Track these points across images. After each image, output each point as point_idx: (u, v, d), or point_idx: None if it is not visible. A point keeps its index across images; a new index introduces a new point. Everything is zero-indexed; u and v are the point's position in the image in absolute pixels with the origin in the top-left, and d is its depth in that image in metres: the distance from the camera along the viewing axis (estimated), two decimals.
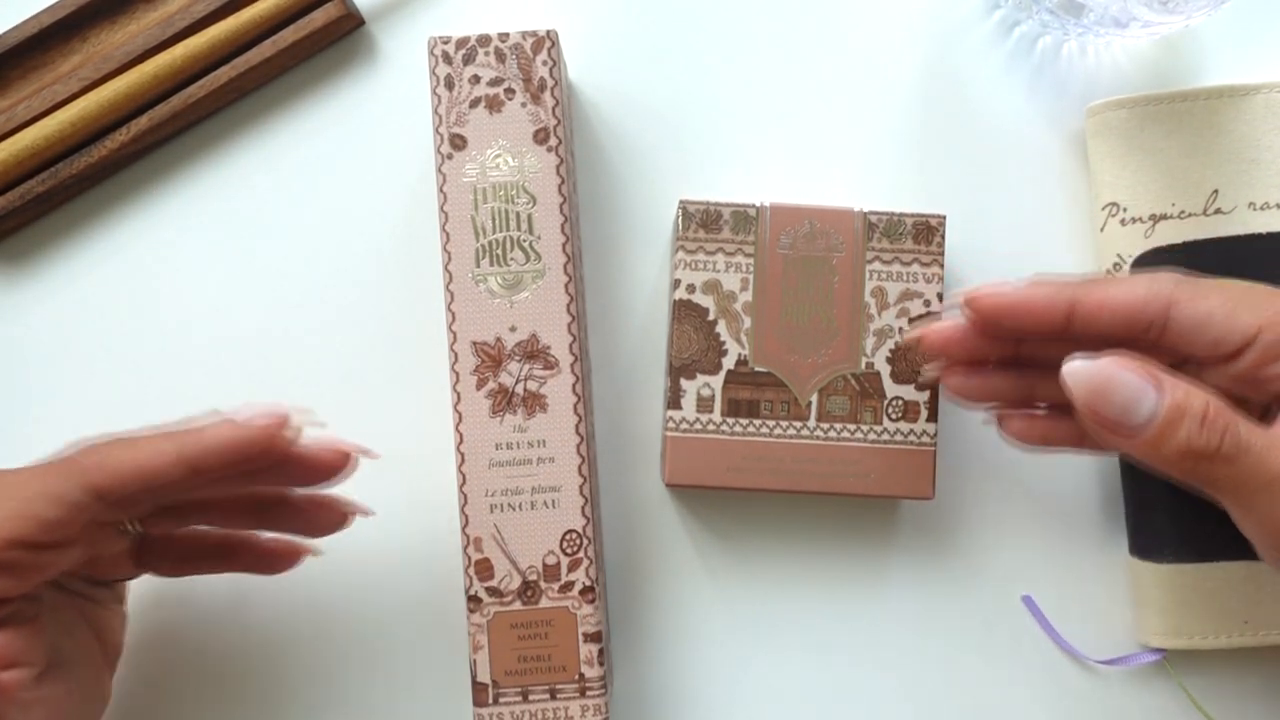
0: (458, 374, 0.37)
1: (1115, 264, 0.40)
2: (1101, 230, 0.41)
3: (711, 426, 0.38)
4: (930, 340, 0.35)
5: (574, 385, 0.37)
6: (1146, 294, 0.32)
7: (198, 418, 0.33)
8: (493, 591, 0.36)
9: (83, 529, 0.32)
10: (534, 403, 0.37)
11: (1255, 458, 0.29)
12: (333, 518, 0.36)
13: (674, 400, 0.39)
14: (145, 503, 0.34)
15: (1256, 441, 0.29)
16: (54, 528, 0.31)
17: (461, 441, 0.37)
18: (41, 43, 0.42)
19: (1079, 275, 0.36)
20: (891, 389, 0.38)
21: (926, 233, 0.39)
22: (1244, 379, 0.31)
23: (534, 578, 0.36)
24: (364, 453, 0.35)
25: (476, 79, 0.37)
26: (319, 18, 0.42)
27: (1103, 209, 0.41)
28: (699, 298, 0.39)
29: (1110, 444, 0.31)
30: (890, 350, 0.39)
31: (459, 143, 0.37)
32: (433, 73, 0.37)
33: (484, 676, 0.36)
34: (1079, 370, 0.30)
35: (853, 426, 0.38)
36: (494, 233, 0.37)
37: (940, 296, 0.39)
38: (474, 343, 0.37)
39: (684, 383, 0.39)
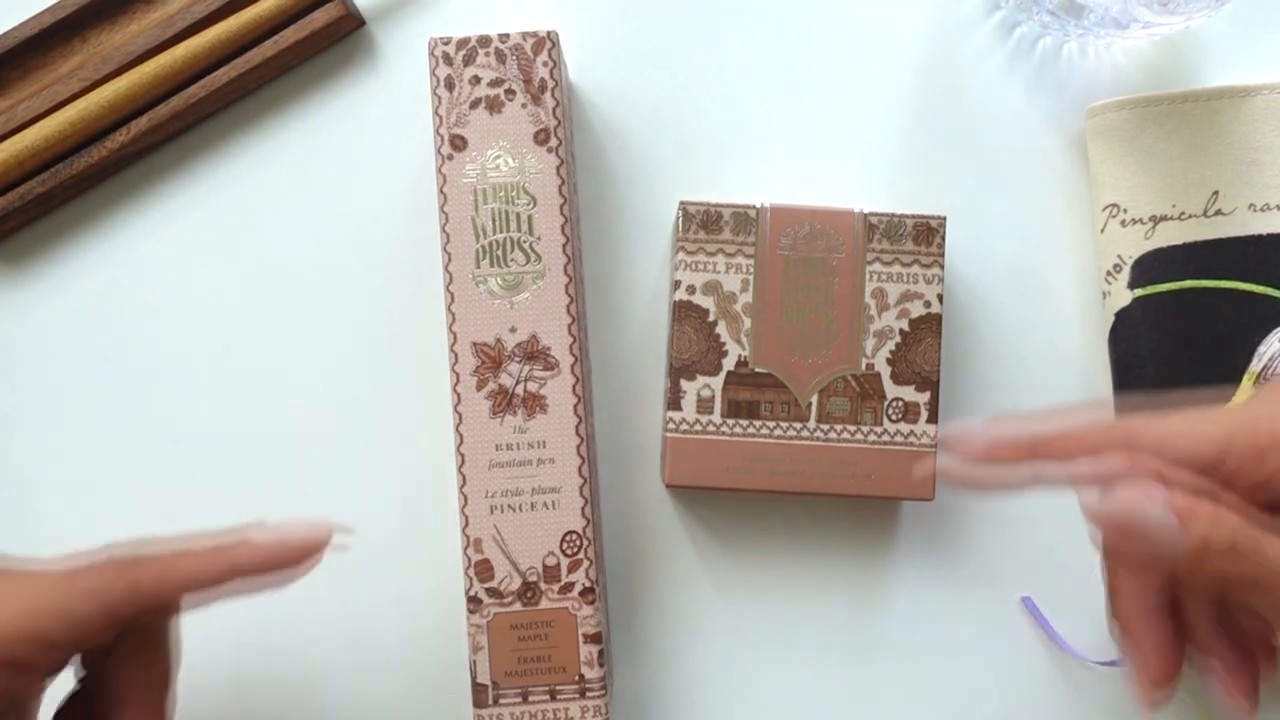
0: (458, 375, 0.37)
1: (1116, 265, 0.40)
2: (1102, 231, 0.41)
3: (711, 427, 0.38)
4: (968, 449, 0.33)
5: (574, 386, 0.37)
6: (1103, 437, 0.31)
7: (241, 528, 0.33)
8: (493, 592, 0.36)
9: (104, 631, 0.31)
10: (534, 403, 0.37)
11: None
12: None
13: (674, 401, 0.39)
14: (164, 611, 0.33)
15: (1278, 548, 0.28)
16: (82, 627, 0.30)
17: (461, 442, 0.37)
18: (42, 43, 0.42)
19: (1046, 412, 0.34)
20: (891, 390, 0.38)
21: (927, 234, 0.39)
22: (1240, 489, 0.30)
23: (534, 579, 0.36)
24: (341, 531, 0.33)
25: (477, 80, 0.37)
26: (319, 18, 0.41)
27: (1103, 210, 0.41)
28: (699, 299, 0.39)
29: (1140, 573, 0.30)
30: (890, 351, 0.39)
31: (459, 143, 0.37)
32: (433, 73, 0.37)
33: (484, 677, 0.36)
34: (1106, 510, 0.29)
35: (853, 427, 0.38)
36: (494, 233, 0.37)
37: (940, 298, 0.39)
38: (474, 343, 0.37)
39: (684, 383, 0.39)
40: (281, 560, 0.32)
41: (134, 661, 0.32)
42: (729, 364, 0.39)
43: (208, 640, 0.42)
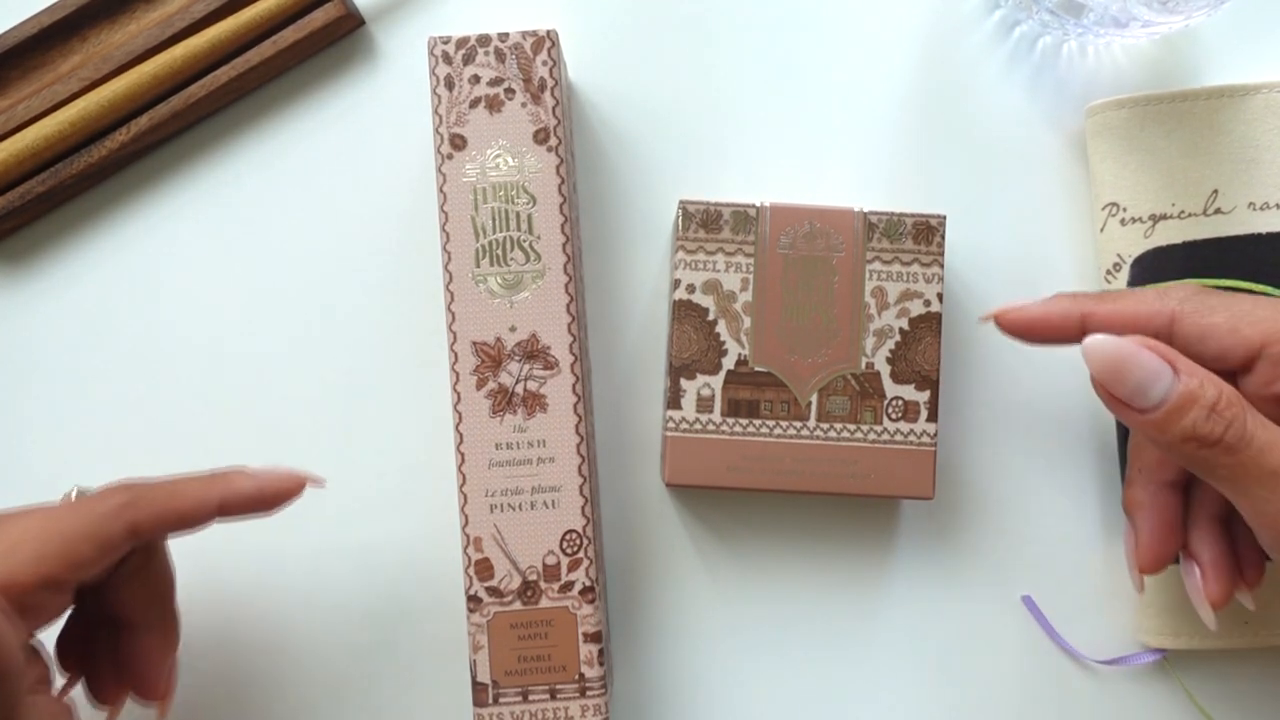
0: (458, 374, 0.37)
1: (1115, 264, 0.40)
2: (1101, 230, 0.41)
3: (711, 426, 0.38)
4: (1007, 322, 0.35)
5: (574, 385, 0.37)
6: (1151, 310, 0.33)
7: (225, 470, 0.35)
8: (493, 591, 0.36)
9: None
10: (534, 403, 0.37)
11: (1256, 451, 0.30)
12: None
13: (674, 400, 0.39)
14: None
15: (1260, 436, 0.30)
16: (83, 567, 0.32)
17: (461, 441, 0.37)
18: (41, 43, 0.42)
19: (1099, 291, 0.37)
20: (891, 389, 0.38)
21: (926, 233, 0.39)
22: (1259, 396, 0.32)
23: (534, 578, 0.36)
24: (314, 481, 0.36)
25: (476, 79, 0.37)
26: (319, 18, 0.42)
27: (1103, 209, 0.41)
28: (699, 298, 0.39)
29: (1119, 417, 0.32)
30: (890, 350, 0.39)
31: (459, 143, 0.37)
32: (433, 73, 0.37)
33: (484, 676, 0.36)
34: (1100, 345, 0.30)
35: (853, 426, 0.38)
36: (494, 233, 0.37)
37: (940, 296, 0.39)
38: (474, 343, 0.37)
39: (684, 383, 0.39)
40: (262, 502, 0.35)
41: (136, 583, 0.35)
42: (729, 363, 0.39)
43: (206, 637, 0.42)
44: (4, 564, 0.30)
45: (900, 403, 0.38)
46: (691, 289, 0.39)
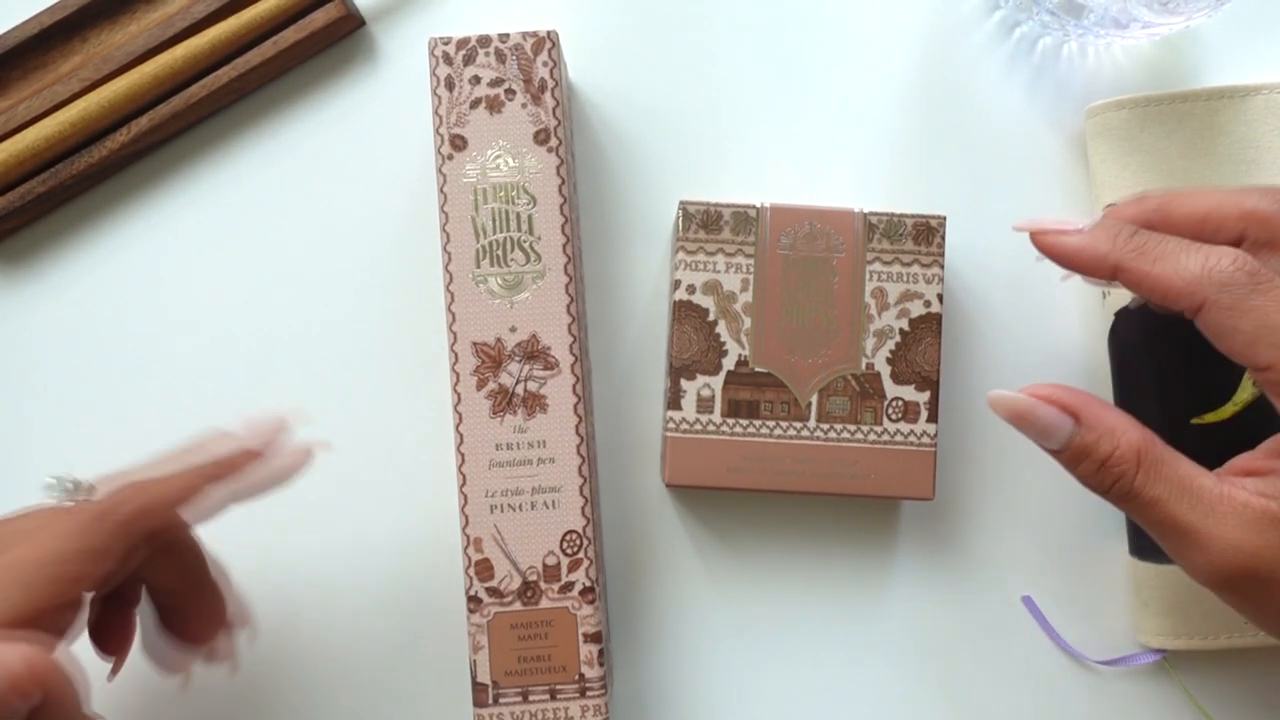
0: (458, 374, 0.37)
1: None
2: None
3: (711, 427, 0.38)
4: (1042, 244, 0.35)
5: (574, 385, 0.37)
6: (1183, 289, 0.31)
7: (204, 438, 0.35)
8: (493, 592, 0.36)
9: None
10: (534, 403, 0.37)
11: (1146, 503, 0.31)
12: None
13: (674, 400, 0.39)
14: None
15: (1149, 492, 0.31)
16: (101, 581, 0.32)
17: (461, 442, 0.37)
18: (42, 43, 0.42)
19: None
20: (891, 389, 0.38)
21: (927, 233, 0.39)
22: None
23: (534, 578, 0.36)
24: (322, 446, 0.35)
25: (477, 79, 0.37)
26: (319, 18, 0.42)
27: (1103, 209, 0.41)
28: (699, 298, 0.39)
29: None
30: (890, 350, 0.39)
31: (459, 143, 0.37)
32: (433, 73, 0.37)
33: (484, 677, 0.36)
34: (1000, 400, 0.32)
35: (853, 427, 0.38)
36: (494, 233, 0.37)
37: (940, 297, 0.39)
38: (474, 343, 0.37)
39: (684, 383, 0.39)
40: (257, 451, 0.34)
41: (168, 569, 0.35)
42: (729, 363, 0.39)
43: None
44: (22, 594, 0.30)
45: (900, 403, 0.38)
46: (691, 289, 0.39)
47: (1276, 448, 0.31)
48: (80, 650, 0.32)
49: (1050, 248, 0.34)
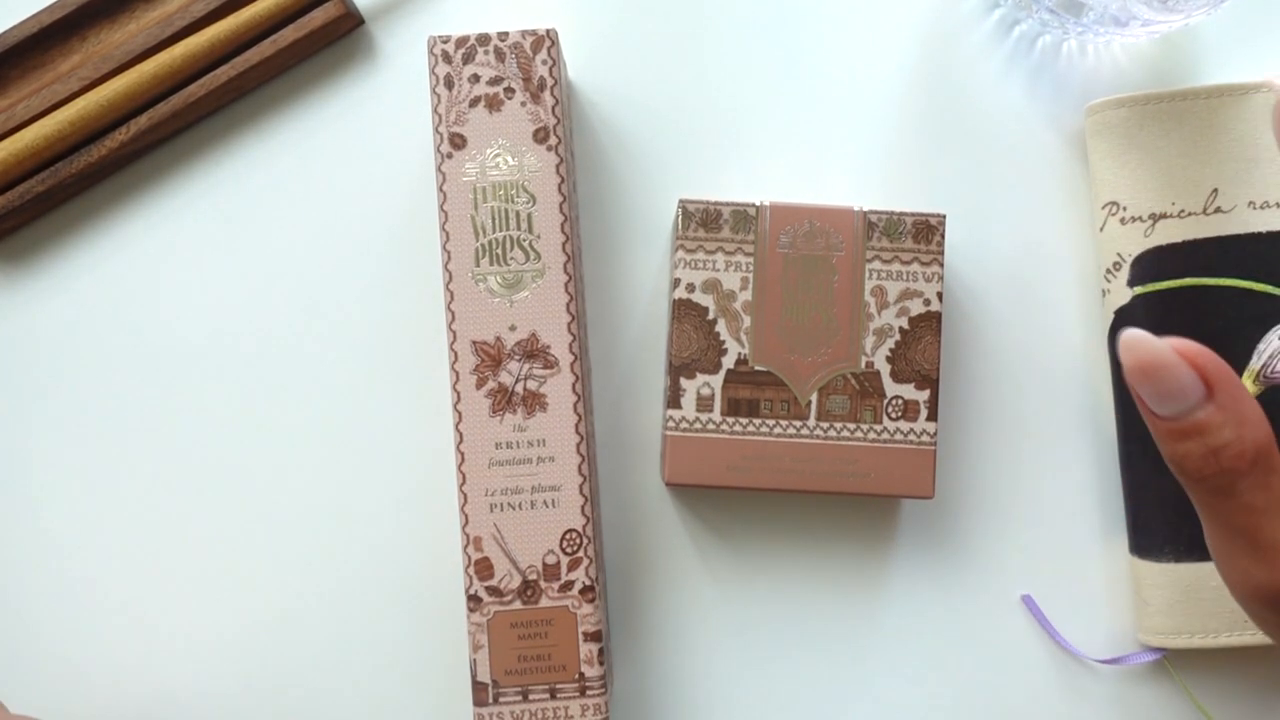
0: (457, 373, 0.37)
1: (1115, 263, 0.40)
2: (1101, 229, 0.41)
3: (711, 426, 0.38)
4: None
5: (574, 385, 0.37)
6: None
7: None
8: (493, 591, 0.36)
9: None
10: (534, 402, 0.37)
11: (1232, 509, 0.28)
12: None
13: (674, 399, 0.39)
14: None
15: (1248, 499, 0.28)
16: None
17: (461, 441, 0.37)
18: (41, 42, 0.42)
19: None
20: (891, 388, 0.38)
21: (926, 232, 0.39)
22: None
23: (534, 577, 0.36)
24: None
25: (476, 78, 0.37)
26: (318, 17, 0.42)
27: (1102, 208, 0.41)
28: (699, 297, 0.39)
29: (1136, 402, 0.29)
30: (890, 349, 0.39)
31: (459, 142, 0.37)
32: (432, 72, 0.37)
33: (484, 676, 0.36)
34: (1136, 344, 0.27)
35: (853, 426, 0.38)
36: (494, 232, 0.37)
37: (940, 296, 0.39)
38: (474, 342, 0.37)
39: (684, 382, 0.39)
40: None
41: None
42: (729, 362, 0.39)
43: (206, 640, 0.42)
44: None
45: (900, 402, 0.38)
46: (691, 288, 0.39)
47: None
48: None
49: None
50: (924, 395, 0.38)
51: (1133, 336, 0.27)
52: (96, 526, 0.41)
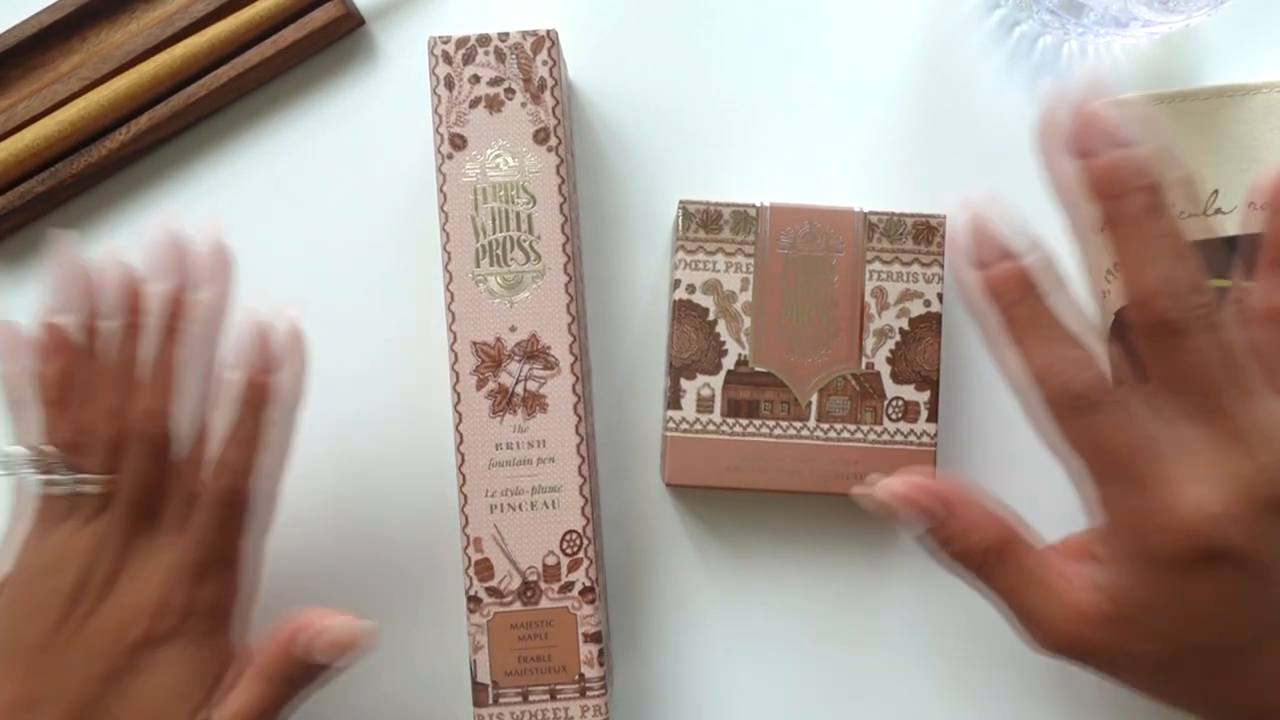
0: (458, 374, 0.37)
1: (1115, 264, 0.40)
2: (1101, 230, 0.41)
3: (711, 426, 0.38)
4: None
5: (574, 385, 0.37)
6: (1033, 374, 0.33)
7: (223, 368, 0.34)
8: (493, 592, 0.36)
9: None
10: (534, 403, 0.37)
11: (1010, 595, 0.34)
12: None
13: (674, 400, 0.39)
14: None
15: (1012, 582, 0.33)
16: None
17: (461, 441, 0.37)
18: (41, 42, 0.42)
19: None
20: (891, 389, 0.38)
21: (927, 233, 0.39)
22: None
23: (534, 578, 0.36)
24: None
25: (476, 79, 0.37)
26: (319, 17, 0.42)
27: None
28: (699, 298, 0.39)
29: None
30: (890, 350, 0.39)
31: (459, 142, 0.37)
32: (433, 72, 0.37)
33: (484, 677, 0.36)
34: (868, 499, 0.34)
35: (853, 427, 0.38)
36: (494, 233, 0.37)
37: (940, 296, 0.39)
38: (474, 343, 0.37)
39: (684, 383, 0.39)
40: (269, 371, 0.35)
41: None
42: (729, 363, 0.39)
43: None
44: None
45: (900, 403, 0.38)
46: (691, 289, 0.39)
47: (1104, 533, 0.33)
48: None
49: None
50: (924, 396, 0.38)
51: (860, 495, 0.34)
52: None
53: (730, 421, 0.38)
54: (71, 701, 0.32)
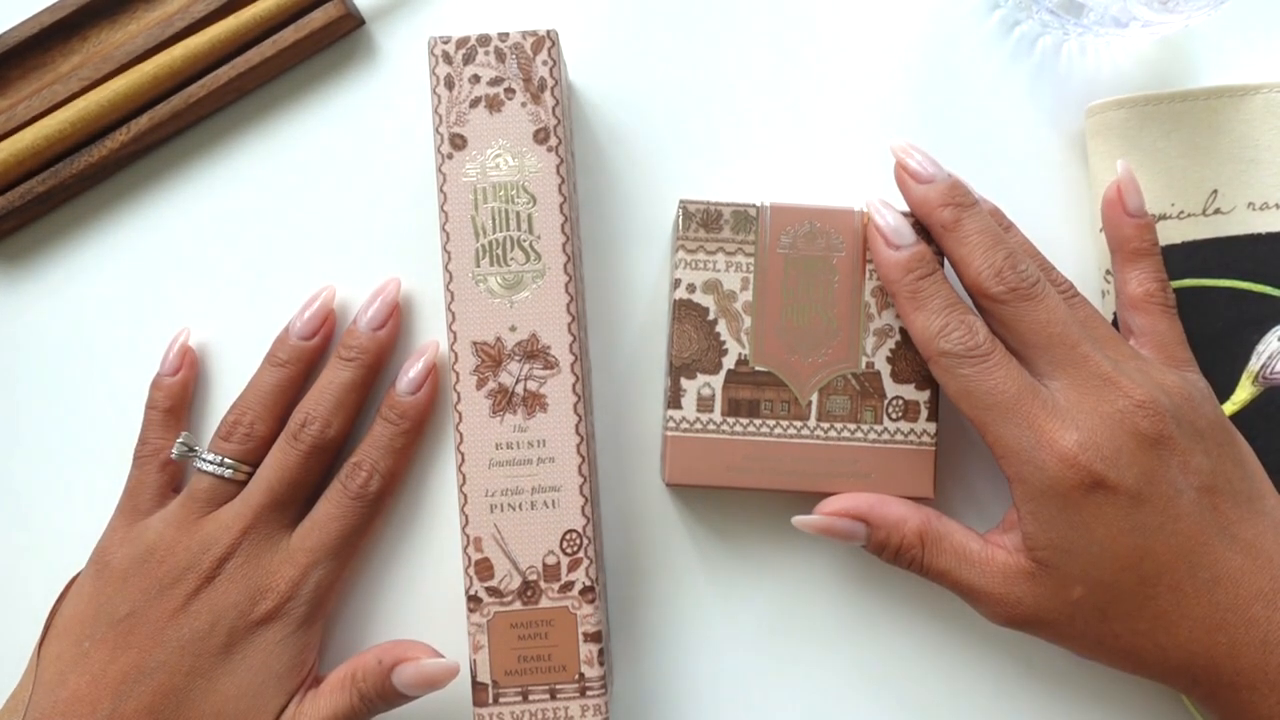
0: (458, 374, 0.37)
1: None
2: (1101, 230, 0.41)
3: (712, 426, 0.38)
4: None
5: (574, 385, 0.37)
6: (921, 341, 0.37)
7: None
8: (493, 591, 0.36)
9: None
10: (534, 402, 0.37)
11: (948, 576, 0.37)
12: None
13: (674, 400, 0.39)
14: None
15: (946, 564, 0.36)
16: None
17: (461, 441, 0.37)
18: (41, 43, 0.42)
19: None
20: (892, 389, 0.38)
21: (927, 233, 0.39)
22: None
23: (534, 577, 0.36)
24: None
25: (476, 79, 0.37)
26: (319, 18, 0.42)
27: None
28: (699, 297, 0.39)
29: None
30: (890, 350, 0.39)
31: (459, 142, 0.37)
32: (433, 72, 0.37)
33: (484, 676, 0.36)
34: (805, 523, 0.37)
35: (853, 426, 0.38)
36: (494, 232, 0.37)
37: None
38: (474, 342, 0.37)
39: (684, 382, 0.39)
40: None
41: None
42: (729, 362, 0.39)
43: None
44: None
45: (900, 402, 0.38)
46: (692, 288, 0.39)
47: (1012, 486, 0.35)
48: None
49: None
50: (924, 396, 0.38)
51: (798, 522, 0.37)
52: (96, 527, 0.41)
53: (730, 421, 0.38)
54: (181, 673, 0.36)
